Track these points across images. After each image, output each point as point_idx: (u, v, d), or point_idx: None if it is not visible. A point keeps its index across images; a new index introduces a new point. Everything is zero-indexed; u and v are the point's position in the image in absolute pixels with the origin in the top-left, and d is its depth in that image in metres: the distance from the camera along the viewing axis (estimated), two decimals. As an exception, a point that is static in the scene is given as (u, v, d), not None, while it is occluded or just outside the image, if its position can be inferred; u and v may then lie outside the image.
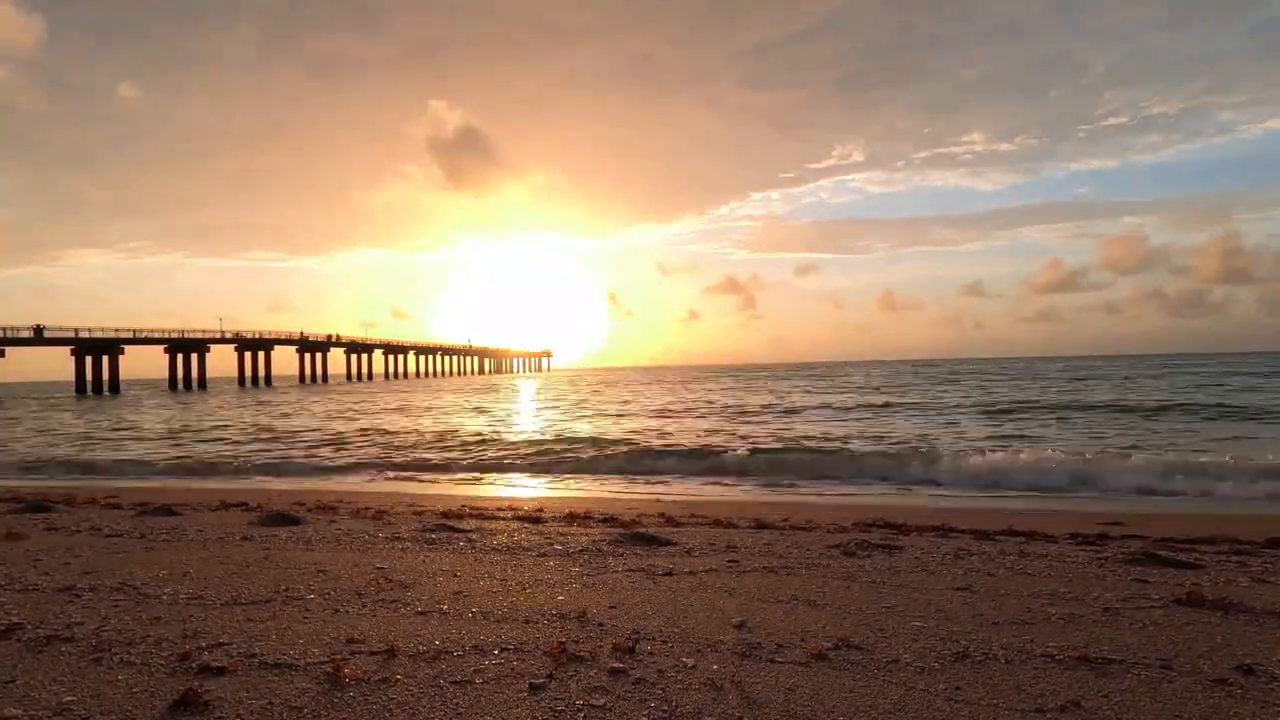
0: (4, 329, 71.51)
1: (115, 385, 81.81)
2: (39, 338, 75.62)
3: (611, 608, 4.40)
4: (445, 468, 16.95)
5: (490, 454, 18.60)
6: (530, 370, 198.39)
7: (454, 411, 36.96)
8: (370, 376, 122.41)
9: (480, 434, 23.45)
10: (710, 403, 38.90)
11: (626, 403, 41.52)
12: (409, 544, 6.47)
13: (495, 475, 15.89)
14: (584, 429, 25.09)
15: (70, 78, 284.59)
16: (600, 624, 4.07)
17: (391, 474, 16.16)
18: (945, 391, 43.40)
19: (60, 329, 77.58)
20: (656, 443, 19.86)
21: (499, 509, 9.18)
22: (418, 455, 18.72)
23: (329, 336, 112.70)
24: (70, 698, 3.07)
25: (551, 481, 14.85)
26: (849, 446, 17.91)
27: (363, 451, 19.88)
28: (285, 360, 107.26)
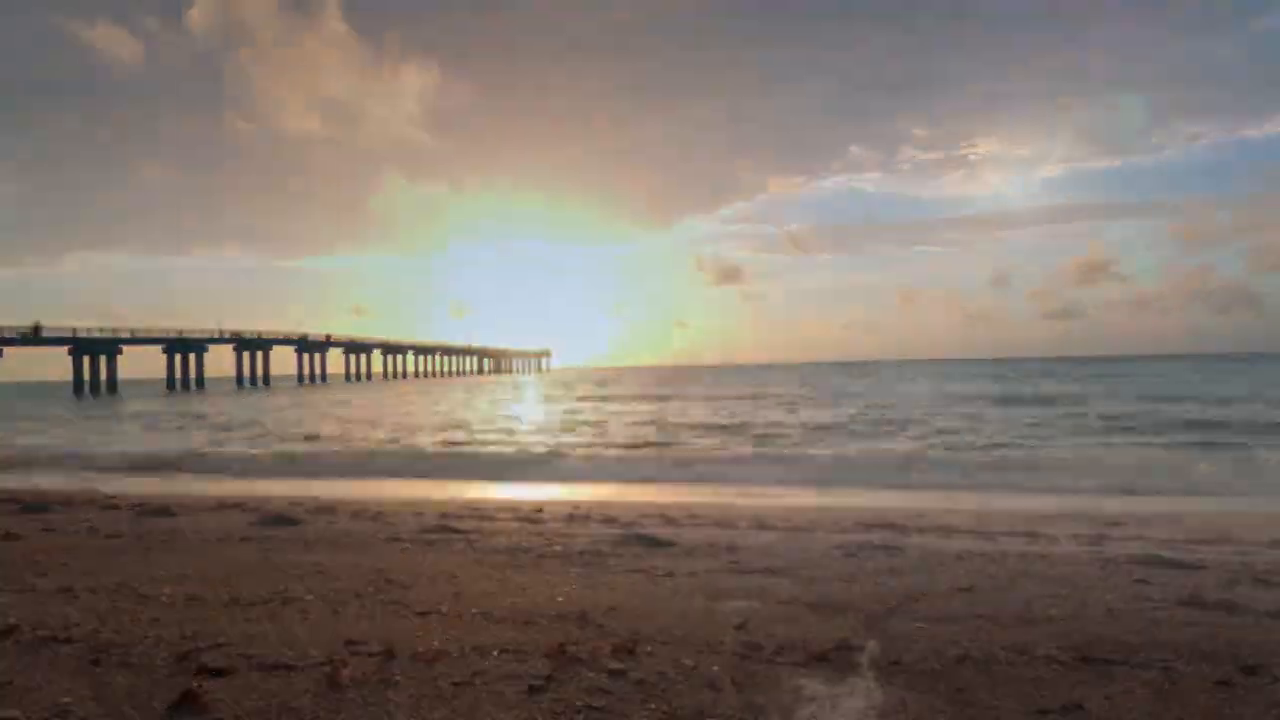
0: (2, 328, 71.29)
1: (113, 385, 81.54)
2: (37, 337, 75.43)
3: (611, 609, 4.38)
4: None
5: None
6: (530, 370, 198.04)
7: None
8: (369, 376, 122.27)
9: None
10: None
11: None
12: (408, 545, 6.45)
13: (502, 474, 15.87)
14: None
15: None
16: (600, 625, 4.06)
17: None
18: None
19: (58, 329, 77.47)
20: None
21: (498, 509, 9.16)
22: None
23: (326, 336, 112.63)
24: (68, 699, 3.05)
25: (550, 481, 14.83)
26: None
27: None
28: (284, 360, 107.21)
